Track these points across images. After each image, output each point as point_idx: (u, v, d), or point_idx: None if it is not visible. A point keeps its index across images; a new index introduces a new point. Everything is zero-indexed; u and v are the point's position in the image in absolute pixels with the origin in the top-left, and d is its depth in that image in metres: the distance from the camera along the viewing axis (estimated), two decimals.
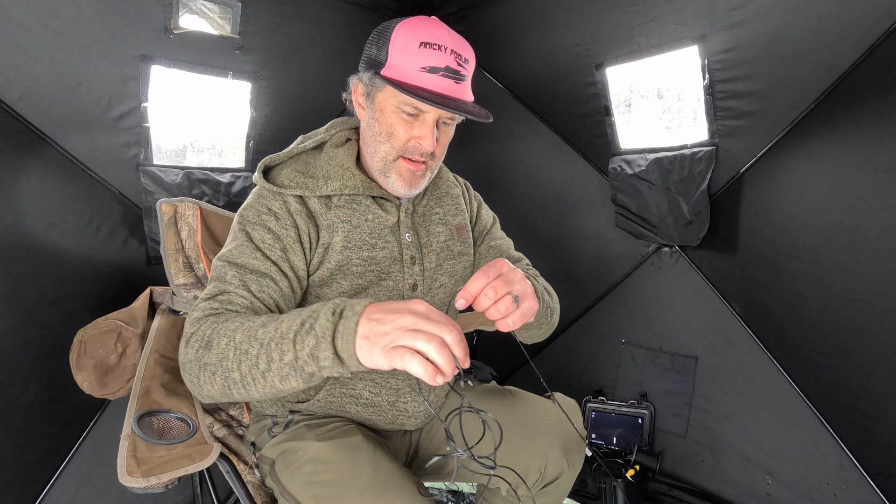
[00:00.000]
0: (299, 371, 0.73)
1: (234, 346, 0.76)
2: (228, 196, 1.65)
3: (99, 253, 1.42)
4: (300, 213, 0.97)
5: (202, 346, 0.80)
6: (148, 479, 0.81)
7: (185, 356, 0.83)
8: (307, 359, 0.71)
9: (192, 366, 0.81)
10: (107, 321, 1.21)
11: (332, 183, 0.99)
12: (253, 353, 0.74)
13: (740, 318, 1.73)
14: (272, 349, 0.73)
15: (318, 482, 0.90)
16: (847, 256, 1.36)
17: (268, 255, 0.93)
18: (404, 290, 1.04)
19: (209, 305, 0.87)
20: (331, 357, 0.70)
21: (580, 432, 1.14)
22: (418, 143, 0.97)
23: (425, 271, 1.07)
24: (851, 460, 1.51)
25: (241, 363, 0.75)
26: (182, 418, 0.99)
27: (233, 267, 0.91)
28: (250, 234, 0.95)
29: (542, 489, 1.12)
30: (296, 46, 1.68)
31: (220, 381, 0.78)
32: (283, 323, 0.74)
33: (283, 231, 0.96)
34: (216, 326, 0.81)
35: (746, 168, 1.55)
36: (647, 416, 1.90)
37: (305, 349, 0.71)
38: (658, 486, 1.83)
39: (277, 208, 0.97)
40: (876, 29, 1.19)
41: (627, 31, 1.57)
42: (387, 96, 0.97)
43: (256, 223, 0.96)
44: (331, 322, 0.70)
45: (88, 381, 1.15)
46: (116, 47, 1.34)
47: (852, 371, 1.44)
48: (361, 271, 1.00)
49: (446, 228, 1.12)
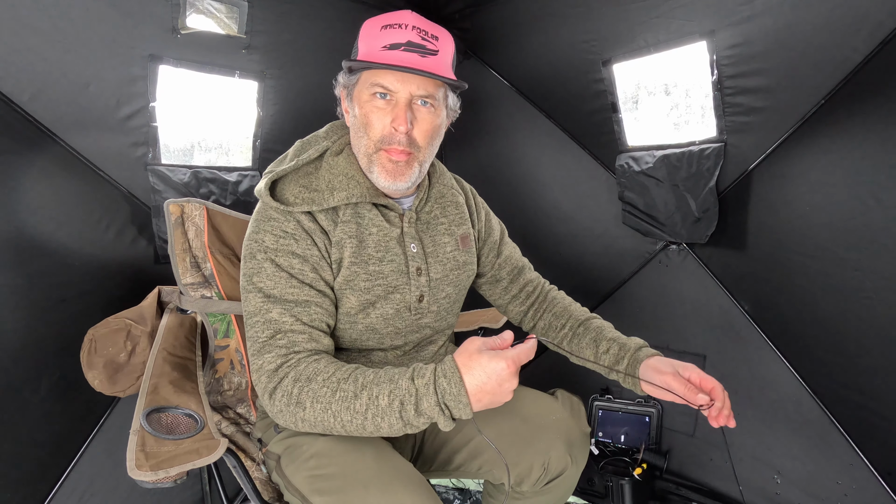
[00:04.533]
0: (411, 429, 0.83)
1: (332, 413, 0.83)
2: (236, 195, 1.66)
3: (108, 252, 1.43)
4: (314, 231, 0.97)
5: (293, 404, 0.86)
6: (156, 472, 0.82)
7: (274, 407, 0.88)
8: (423, 425, 0.82)
9: (285, 416, 0.88)
10: (116, 320, 1.23)
11: (337, 194, 0.98)
12: (357, 422, 0.83)
13: (749, 316, 1.72)
14: (380, 421, 0.82)
15: (322, 475, 0.90)
16: (857, 254, 1.35)
17: (303, 281, 0.95)
18: (411, 302, 1.05)
19: (276, 354, 0.89)
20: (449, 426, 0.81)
21: (583, 428, 1.15)
22: (393, 130, 0.96)
23: (431, 282, 1.07)
24: (862, 459, 1.50)
25: (345, 426, 0.84)
26: (190, 414, 1.01)
27: (275, 303, 0.92)
28: (278, 262, 0.95)
29: (547, 485, 1.12)
30: (302, 45, 1.68)
31: (321, 430, 0.87)
32: (382, 399, 0.81)
33: (307, 251, 0.96)
34: (302, 387, 0.86)
35: (755, 165, 1.54)
36: (655, 415, 1.89)
37: (417, 425, 0.82)
38: (665, 484, 1.82)
39: (293, 229, 0.96)
40: (887, 23, 1.17)
41: (635, 27, 1.56)
42: (361, 87, 0.97)
43: (279, 250, 0.95)
44: (448, 418, 0.81)
45: (99, 378, 1.17)
46: (124, 47, 1.35)
47: (863, 369, 1.42)
48: (369, 286, 1.00)
49: (452, 239, 1.12)
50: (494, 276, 1.25)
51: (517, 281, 1.26)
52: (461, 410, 0.79)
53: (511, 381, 0.79)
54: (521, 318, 1.28)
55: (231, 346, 1.35)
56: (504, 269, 1.25)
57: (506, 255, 1.25)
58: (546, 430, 1.09)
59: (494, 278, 1.25)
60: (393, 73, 0.93)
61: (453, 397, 0.78)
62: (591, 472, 1.82)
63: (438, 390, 0.79)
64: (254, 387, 0.93)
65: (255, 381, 0.91)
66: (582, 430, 1.14)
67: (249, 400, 1.35)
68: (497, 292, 1.27)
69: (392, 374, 0.84)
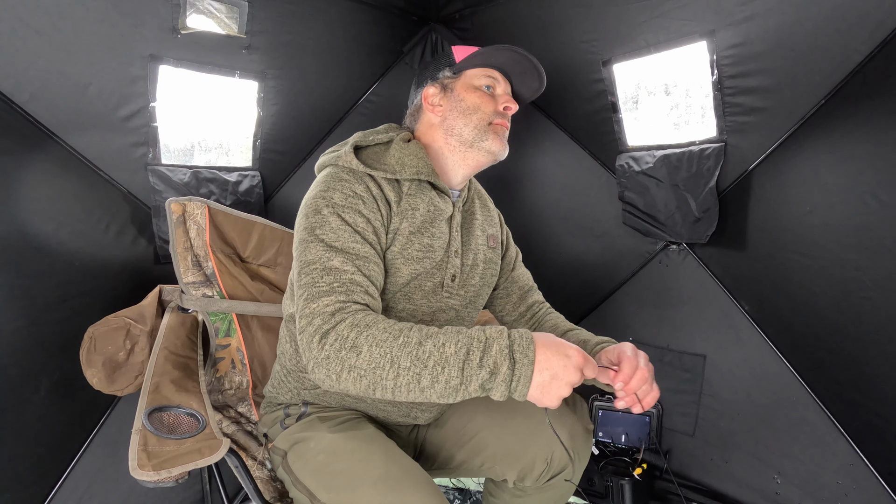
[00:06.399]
0: (462, 392, 0.78)
1: (390, 358, 0.79)
2: (236, 195, 1.66)
3: (108, 252, 1.43)
4: (380, 198, 1.01)
5: (347, 349, 0.81)
6: (159, 472, 0.82)
7: (322, 353, 0.83)
8: (476, 388, 0.77)
9: (332, 363, 0.82)
10: (116, 318, 1.23)
11: (407, 169, 1.05)
12: (415, 370, 0.78)
13: (749, 316, 1.72)
14: (438, 372, 0.77)
15: (331, 472, 0.91)
16: (858, 254, 1.35)
17: (366, 239, 0.96)
18: (444, 279, 1.09)
19: (336, 299, 0.87)
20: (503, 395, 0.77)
21: (586, 425, 1.16)
22: (499, 108, 1.13)
23: (464, 266, 1.13)
24: (862, 459, 1.50)
25: (398, 376, 0.79)
26: (192, 414, 1.01)
27: (337, 252, 0.92)
28: (343, 217, 0.96)
29: (549, 481, 1.13)
30: (302, 45, 1.68)
31: (367, 383, 0.81)
32: (448, 346, 0.78)
33: (372, 214, 0.99)
34: (361, 331, 0.82)
35: (755, 165, 1.54)
36: (655, 415, 1.89)
37: (474, 382, 0.77)
38: (666, 484, 1.82)
39: (362, 192, 0.99)
40: (888, 23, 1.17)
41: (635, 27, 1.56)
42: (466, 81, 1.13)
43: (346, 206, 0.97)
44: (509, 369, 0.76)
45: (98, 377, 1.17)
46: (125, 48, 1.35)
47: (863, 369, 1.42)
48: (420, 256, 1.04)
49: (483, 234, 1.21)
50: (507, 289, 1.31)
51: (525, 300, 1.31)
52: (524, 368, 0.76)
53: (575, 374, 0.78)
54: None
55: (232, 345, 1.35)
56: (516, 283, 1.31)
57: (519, 272, 1.33)
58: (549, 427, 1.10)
59: (507, 291, 1.31)
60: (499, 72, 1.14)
61: (522, 351, 0.77)
62: (591, 472, 1.82)
63: (510, 338, 0.78)
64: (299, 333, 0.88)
65: (304, 326, 0.87)
66: (585, 428, 1.15)
67: (250, 399, 1.35)
68: (507, 307, 1.31)
69: (458, 328, 0.83)
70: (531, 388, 0.76)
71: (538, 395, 0.77)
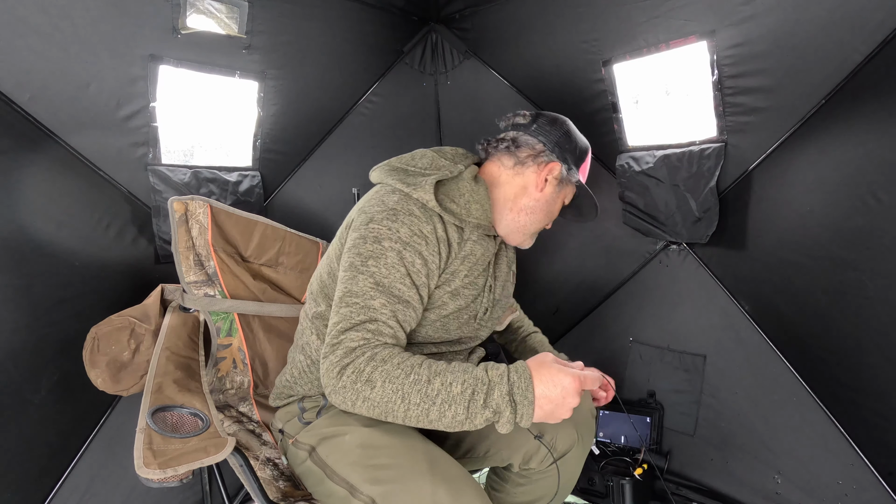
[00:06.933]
0: (468, 425, 0.85)
1: (402, 394, 0.85)
2: (236, 195, 1.66)
3: (108, 252, 1.43)
4: (443, 241, 1.02)
5: (362, 382, 0.86)
6: (165, 470, 0.82)
7: (339, 383, 0.88)
8: (482, 422, 0.84)
9: (348, 393, 0.88)
10: (120, 318, 1.22)
11: (472, 219, 1.08)
12: (424, 406, 0.84)
13: (749, 316, 1.72)
14: (446, 409, 0.84)
15: (376, 465, 0.93)
16: (858, 254, 1.35)
17: (415, 282, 0.98)
18: (479, 312, 1.13)
19: (361, 336, 0.90)
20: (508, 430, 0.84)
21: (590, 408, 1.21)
22: (547, 226, 1.25)
23: (494, 300, 1.17)
24: (862, 459, 1.50)
25: (408, 409, 0.85)
26: (195, 413, 1.00)
27: (382, 293, 0.94)
28: (403, 255, 0.97)
29: (552, 465, 1.15)
30: (303, 45, 1.68)
31: (379, 412, 0.87)
32: (455, 386, 0.84)
33: (431, 257, 1.00)
34: (376, 366, 0.87)
35: (756, 165, 1.54)
36: (655, 415, 1.89)
37: (479, 419, 0.84)
38: (666, 484, 1.82)
39: (429, 233, 0.99)
40: (888, 23, 1.17)
41: (635, 28, 1.56)
42: (569, 191, 1.22)
43: (409, 244, 0.97)
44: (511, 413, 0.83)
45: (102, 377, 1.17)
46: (125, 47, 1.35)
47: (863, 369, 1.42)
48: (467, 294, 1.08)
49: (508, 269, 1.26)
50: None
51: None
52: (525, 409, 0.83)
53: (573, 399, 0.85)
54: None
55: (234, 345, 1.34)
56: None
57: None
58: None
59: None
60: None
61: (521, 393, 0.83)
62: (591, 471, 1.82)
63: (510, 382, 0.84)
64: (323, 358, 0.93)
65: (328, 352, 0.91)
66: (590, 410, 1.18)
67: (251, 398, 1.35)
68: None
69: (465, 365, 0.88)
70: (534, 419, 0.84)
71: (542, 421, 0.86)
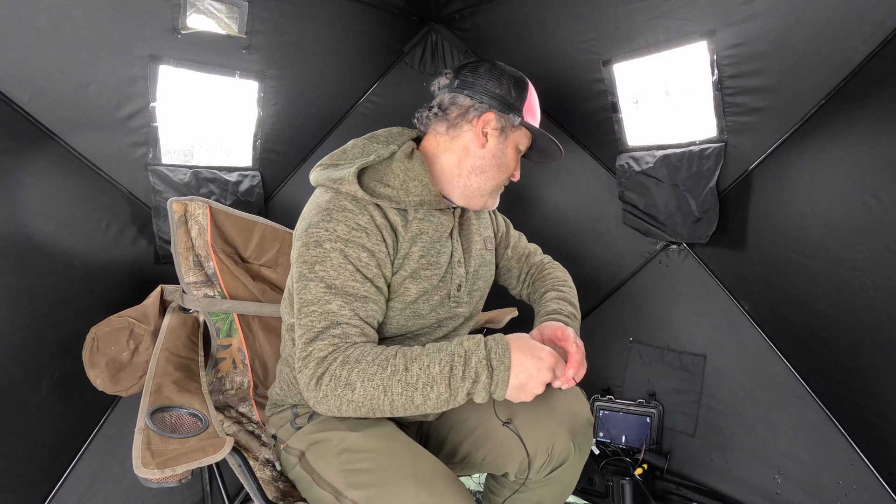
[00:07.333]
0: (451, 403, 0.87)
1: (383, 388, 0.86)
2: (236, 195, 1.66)
3: (108, 252, 1.43)
4: (385, 227, 1.00)
5: (342, 387, 0.88)
6: (163, 470, 0.82)
7: (319, 392, 0.89)
8: (463, 397, 0.87)
9: (331, 400, 0.89)
10: (119, 319, 1.22)
11: (412, 197, 1.04)
12: (407, 394, 0.86)
13: (749, 316, 1.72)
14: (429, 391, 0.86)
15: (359, 470, 0.92)
16: (858, 254, 1.35)
17: (366, 276, 0.97)
18: (451, 290, 1.11)
19: (329, 343, 0.91)
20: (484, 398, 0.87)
21: (587, 416, 1.17)
22: (512, 177, 1.17)
23: (468, 274, 1.15)
24: (862, 459, 1.50)
25: (393, 401, 0.87)
26: (194, 414, 1.00)
27: (336, 294, 0.94)
28: (346, 253, 0.96)
29: (550, 473, 1.13)
30: (302, 45, 1.68)
31: (366, 411, 0.89)
32: (433, 367, 0.86)
33: (376, 246, 0.98)
34: (352, 368, 0.88)
35: (756, 165, 1.54)
36: (656, 415, 1.89)
37: (461, 393, 0.86)
38: (666, 484, 1.82)
39: (366, 223, 0.98)
40: (888, 23, 1.17)
41: (635, 27, 1.56)
42: (517, 137, 1.11)
43: (350, 241, 0.96)
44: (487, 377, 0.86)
45: (101, 377, 1.17)
46: (125, 48, 1.35)
47: (864, 369, 1.43)
48: (429, 275, 1.06)
49: (480, 238, 1.22)
50: (506, 266, 1.37)
51: (525, 268, 1.38)
52: (501, 374, 0.85)
53: (547, 373, 0.88)
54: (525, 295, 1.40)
55: (233, 346, 1.34)
56: (513, 258, 1.37)
57: (513, 245, 1.37)
58: (550, 418, 1.11)
59: (506, 268, 1.37)
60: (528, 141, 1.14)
61: (498, 358, 0.86)
62: (591, 471, 1.82)
63: (487, 348, 0.87)
64: (297, 372, 0.94)
65: (301, 367, 0.92)
66: (586, 419, 1.17)
67: (251, 399, 1.35)
68: (512, 282, 1.39)
69: (439, 344, 0.90)
70: (508, 389, 0.87)
71: (515, 395, 0.88)
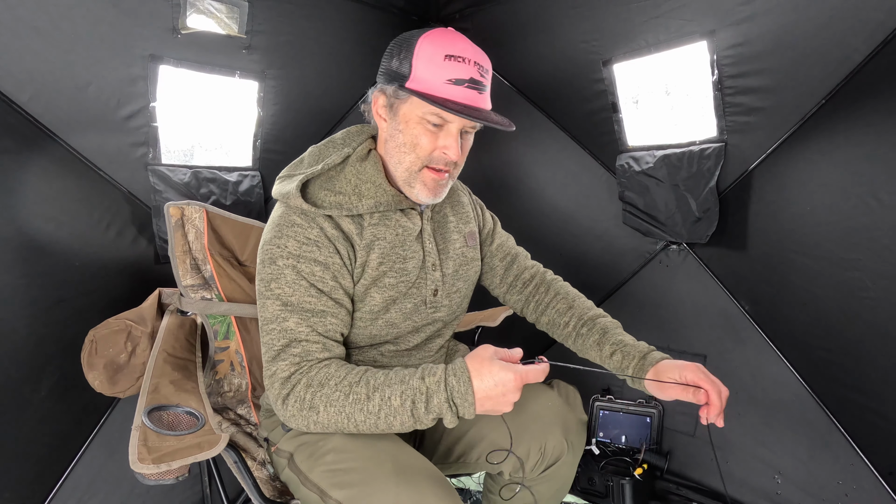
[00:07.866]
0: (419, 426, 0.88)
1: (346, 415, 0.88)
2: (236, 195, 1.66)
3: (108, 252, 1.43)
4: (337, 238, 0.97)
5: (306, 409, 0.89)
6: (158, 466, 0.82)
7: (287, 412, 0.91)
8: (430, 423, 0.87)
9: (298, 420, 0.91)
10: (117, 321, 1.23)
11: (366, 201, 0.99)
12: (371, 421, 0.87)
13: (749, 316, 1.72)
14: (392, 420, 0.87)
15: (342, 470, 0.92)
16: (859, 254, 1.35)
17: (322, 290, 0.95)
18: (426, 296, 1.08)
19: (290, 363, 0.91)
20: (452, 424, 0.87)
21: (580, 416, 1.17)
22: (443, 153, 0.98)
23: (445, 277, 1.11)
24: (863, 459, 1.50)
25: (357, 426, 0.88)
26: (191, 412, 1.01)
27: (292, 311, 0.93)
28: (299, 269, 0.95)
29: (544, 472, 1.13)
30: (303, 45, 1.68)
31: (334, 430, 0.92)
32: (394, 399, 0.86)
33: (329, 259, 0.96)
34: (315, 392, 0.89)
35: (756, 165, 1.54)
36: (656, 415, 1.89)
37: (426, 421, 0.87)
38: (666, 484, 1.82)
39: (316, 236, 0.96)
40: (888, 23, 1.17)
41: (635, 27, 1.56)
42: (411, 108, 0.96)
43: (301, 256, 0.95)
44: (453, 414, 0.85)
45: (99, 379, 1.17)
46: (125, 48, 1.35)
47: (864, 369, 1.42)
48: (394, 283, 1.02)
49: (460, 236, 1.16)
50: (489, 263, 1.29)
51: (511, 269, 1.30)
52: (466, 409, 0.84)
53: (514, 394, 0.84)
54: (521, 308, 1.31)
55: (231, 348, 1.35)
56: (496, 256, 1.28)
57: (498, 243, 1.29)
58: (543, 417, 1.11)
59: (489, 266, 1.29)
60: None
61: (461, 396, 0.84)
62: (591, 471, 1.82)
63: (448, 388, 0.85)
64: (266, 390, 0.95)
65: (267, 385, 0.94)
66: (578, 418, 1.17)
67: (249, 401, 1.35)
68: (494, 281, 1.31)
69: (402, 374, 0.88)
70: (476, 414, 0.86)
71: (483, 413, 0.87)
